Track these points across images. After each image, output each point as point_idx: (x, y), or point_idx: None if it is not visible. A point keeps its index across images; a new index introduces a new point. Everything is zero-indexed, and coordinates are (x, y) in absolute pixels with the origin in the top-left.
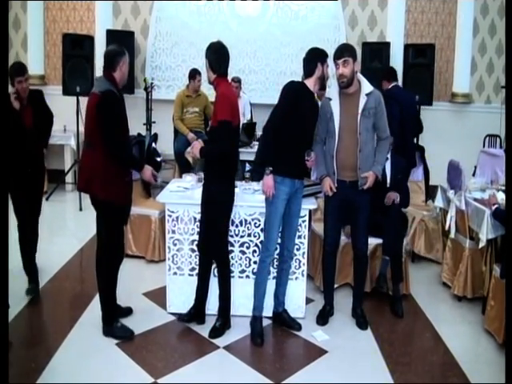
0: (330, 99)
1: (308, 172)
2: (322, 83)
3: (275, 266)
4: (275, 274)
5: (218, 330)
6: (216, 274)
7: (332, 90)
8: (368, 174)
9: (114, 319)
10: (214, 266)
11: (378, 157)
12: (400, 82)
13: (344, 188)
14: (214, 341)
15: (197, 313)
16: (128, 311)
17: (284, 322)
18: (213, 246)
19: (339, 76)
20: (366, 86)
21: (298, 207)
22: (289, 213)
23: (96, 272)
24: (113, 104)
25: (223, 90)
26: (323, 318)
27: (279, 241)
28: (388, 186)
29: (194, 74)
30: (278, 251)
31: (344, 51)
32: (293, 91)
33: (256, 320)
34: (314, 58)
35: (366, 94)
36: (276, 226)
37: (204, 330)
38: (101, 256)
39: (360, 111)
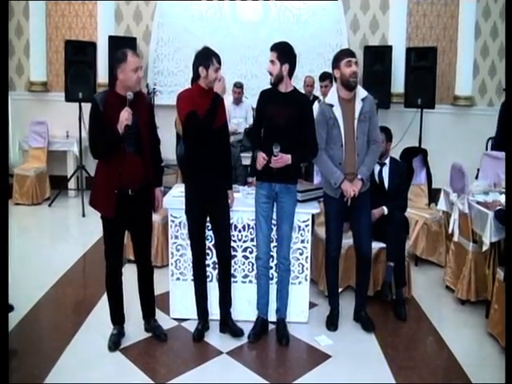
0: (331, 105)
1: (294, 175)
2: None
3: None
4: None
5: (239, 328)
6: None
7: (332, 97)
8: (354, 183)
9: (113, 324)
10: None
11: (366, 160)
12: (402, 86)
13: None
14: (218, 346)
15: (204, 325)
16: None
17: (276, 331)
18: (230, 250)
19: (353, 74)
20: (361, 92)
21: (283, 213)
22: (276, 218)
23: None
24: (91, 109)
25: None
26: (333, 323)
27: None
28: (387, 190)
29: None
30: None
31: (354, 53)
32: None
33: (257, 319)
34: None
35: (362, 100)
36: (260, 229)
37: (207, 336)
38: None
39: (357, 116)
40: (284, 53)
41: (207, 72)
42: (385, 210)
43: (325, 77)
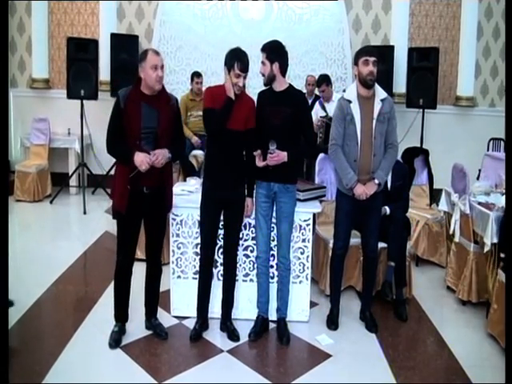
0: (349, 101)
1: (291, 175)
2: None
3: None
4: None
5: (236, 332)
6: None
7: (351, 92)
8: (369, 185)
9: (116, 321)
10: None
11: (383, 163)
12: (404, 86)
13: None
14: (218, 344)
15: (202, 324)
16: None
17: (277, 330)
18: (236, 253)
19: (370, 73)
20: (380, 92)
21: (282, 213)
22: (276, 218)
23: None
24: (114, 104)
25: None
26: (334, 322)
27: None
28: (389, 190)
29: (192, 76)
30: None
31: (375, 52)
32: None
33: (257, 318)
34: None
35: (381, 100)
36: (260, 228)
37: (208, 334)
38: None
39: (376, 116)
40: (272, 52)
41: (229, 74)
42: (387, 210)
43: (320, 82)
